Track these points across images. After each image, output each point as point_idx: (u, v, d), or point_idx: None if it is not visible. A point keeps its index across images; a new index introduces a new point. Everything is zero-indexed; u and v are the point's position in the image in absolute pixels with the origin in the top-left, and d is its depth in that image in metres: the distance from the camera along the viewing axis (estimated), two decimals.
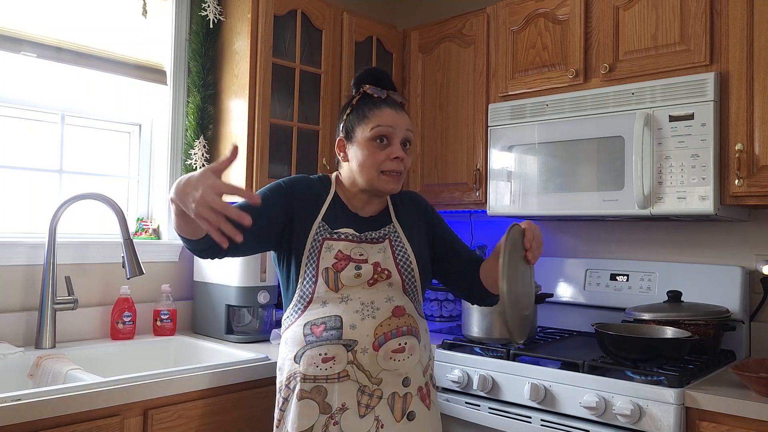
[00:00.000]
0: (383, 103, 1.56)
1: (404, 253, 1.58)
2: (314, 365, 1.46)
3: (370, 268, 1.51)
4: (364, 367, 1.46)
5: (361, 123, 1.55)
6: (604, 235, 2.53)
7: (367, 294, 1.50)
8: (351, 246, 1.53)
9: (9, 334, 1.98)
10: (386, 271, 1.53)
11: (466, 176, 2.56)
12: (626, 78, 2.11)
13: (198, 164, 2.37)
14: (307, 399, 1.45)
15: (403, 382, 1.50)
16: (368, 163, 1.53)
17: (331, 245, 1.52)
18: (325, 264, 1.50)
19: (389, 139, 1.54)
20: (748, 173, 1.87)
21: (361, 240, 1.55)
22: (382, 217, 1.63)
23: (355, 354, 1.45)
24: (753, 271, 2.16)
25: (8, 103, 2.12)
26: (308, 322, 1.49)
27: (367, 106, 1.56)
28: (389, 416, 1.47)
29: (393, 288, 1.53)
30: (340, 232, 1.54)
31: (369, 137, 1.53)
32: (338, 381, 1.45)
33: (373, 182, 1.54)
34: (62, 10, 2.19)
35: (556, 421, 1.83)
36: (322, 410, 1.44)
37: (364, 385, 1.45)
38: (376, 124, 1.53)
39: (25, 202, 2.17)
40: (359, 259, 1.51)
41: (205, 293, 2.37)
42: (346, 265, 1.50)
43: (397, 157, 1.53)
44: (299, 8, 2.42)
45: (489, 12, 2.52)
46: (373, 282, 1.51)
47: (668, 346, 1.80)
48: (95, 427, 1.52)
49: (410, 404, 1.50)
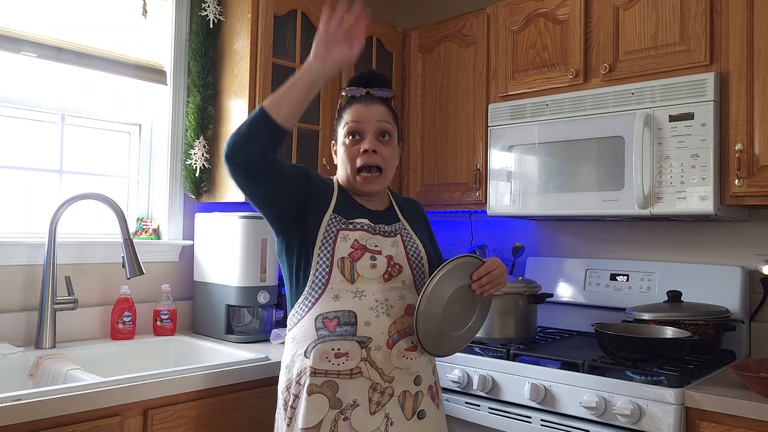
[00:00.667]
0: (356, 100, 1.60)
1: (416, 249, 1.59)
2: (326, 359, 1.45)
3: (384, 260, 1.52)
4: (377, 365, 1.46)
5: (338, 124, 1.62)
6: (604, 235, 2.53)
7: (381, 291, 1.50)
8: (366, 236, 1.53)
9: (9, 334, 1.98)
10: (398, 265, 1.54)
11: (466, 176, 2.56)
12: (626, 78, 2.11)
13: (198, 164, 2.37)
14: (317, 393, 1.44)
15: (415, 380, 1.52)
16: (343, 160, 1.58)
17: (346, 235, 1.51)
18: (341, 254, 1.49)
19: (361, 134, 1.56)
20: (748, 173, 1.87)
21: (375, 231, 1.56)
22: (390, 212, 1.65)
23: (369, 351, 1.46)
24: (753, 271, 2.16)
25: (8, 103, 2.12)
26: (320, 315, 1.48)
27: (344, 107, 1.61)
28: (399, 414, 1.48)
29: (405, 286, 1.54)
30: (356, 222, 1.54)
31: (343, 135, 1.58)
32: (350, 377, 1.45)
33: (351, 181, 1.58)
34: (62, 10, 2.19)
35: (556, 421, 1.83)
36: (332, 405, 1.44)
37: (376, 382, 1.46)
38: (345, 121, 1.58)
39: (25, 202, 2.17)
40: (374, 250, 1.52)
41: (205, 293, 2.37)
42: (362, 255, 1.50)
43: (365, 150, 1.54)
44: (299, 8, 2.42)
45: (489, 12, 2.52)
46: (388, 278, 1.52)
47: (668, 346, 1.80)
48: (95, 427, 1.52)
49: (421, 403, 1.52)
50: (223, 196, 2.38)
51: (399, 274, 1.53)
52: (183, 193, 2.46)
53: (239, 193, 2.30)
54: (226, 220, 2.30)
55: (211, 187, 2.43)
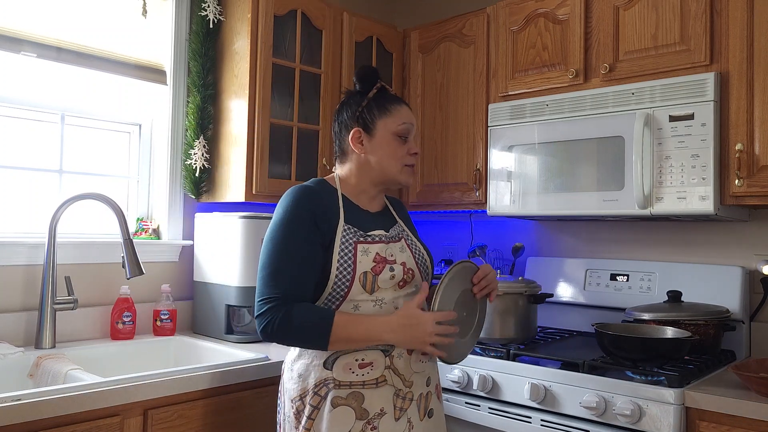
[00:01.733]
0: (395, 99, 1.59)
1: (420, 253, 1.61)
2: (349, 371, 1.45)
3: (400, 268, 1.52)
4: (399, 371, 1.48)
5: (382, 117, 1.56)
6: (604, 235, 2.53)
7: (398, 297, 1.52)
8: (385, 247, 1.53)
9: (9, 334, 1.98)
10: (411, 270, 1.55)
11: (466, 176, 2.56)
12: (626, 78, 2.11)
13: (198, 164, 2.37)
14: (343, 406, 1.44)
15: (427, 382, 1.54)
16: (395, 156, 1.57)
17: (367, 248, 1.50)
18: (363, 268, 1.47)
19: (408, 135, 1.59)
20: (748, 173, 1.87)
21: (389, 240, 1.56)
22: (387, 213, 1.66)
23: (392, 359, 1.47)
24: (753, 271, 2.16)
25: (8, 103, 2.12)
26: None
27: (388, 101, 1.57)
28: (416, 416, 1.50)
29: (418, 290, 1.55)
30: (374, 234, 1.53)
31: (394, 132, 1.56)
32: (376, 386, 1.45)
33: (395, 175, 1.58)
34: (62, 10, 2.19)
35: (556, 421, 1.83)
36: (358, 416, 1.44)
37: (399, 388, 1.48)
38: (401, 120, 1.57)
39: (25, 202, 2.17)
40: (392, 260, 1.52)
41: (205, 293, 2.37)
42: (383, 267, 1.50)
43: (415, 153, 1.59)
44: (299, 8, 2.42)
45: (489, 12, 2.52)
46: (403, 284, 1.53)
47: (668, 346, 1.80)
48: (95, 427, 1.52)
49: (430, 402, 1.55)
50: (223, 196, 2.37)
51: (412, 280, 1.55)
52: (183, 193, 2.46)
53: (239, 193, 2.30)
54: (226, 220, 2.30)
55: (211, 187, 2.43)
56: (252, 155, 2.29)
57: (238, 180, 2.30)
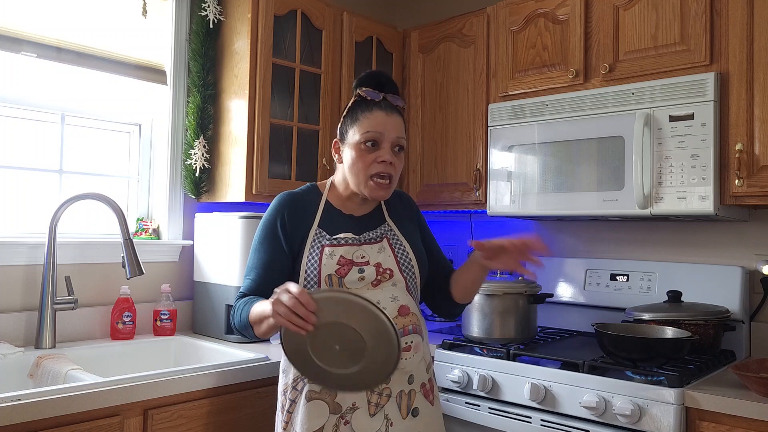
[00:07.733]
0: (375, 106, 1.55)
1: (404, 252, 1.58)
2: None
3: (372, 269, 1.52)
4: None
5: (353, 125, 1.55)
6: (604, 235, 2.53)
7: (372, 294, 1.49)
8: (352, 250, 1.53)
9: (9, 334, 1.98)
10: (388, 270, 1.54)
11: (466, 176, 2.56)
12: (626, 78, 2.11)
13: (198, 164, 2.37)
14: (316, 399, 1.46)
15: (408, 379, 1.52)
16: (357, 166, 1.54)
17: (332, 251, 1.51)
18: (328, 270, 1.50)
19: (379, 143, 1.53)
20: (748, 173, 1.87)
21: (361, 242, 1.55)
22: (376, 215, 1.64)
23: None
24: (753, 271, 2.16)
25: (8, 103, 2.12)
26: None
27: (360, 109, 1.56)
28: (397, 413, 1.49)
29: (397, 287, 1.54)
30: (340, 237, 1.54)
31: (359, 140, 1.53)
32: None
33: (360, 187, 1.55)
34: (62, 10, 2.19)
35: (556, 421, 1.83)
36: (332, 410, 1.45)
37: None
38: (366, 128, 1.53)
39: (25, 202, 2.17)
40: (361, 262, 1.52)
41: (205, 293, 2.37)
42: (349, 269, 1.50)
43: (384, 161, 1.52)
44: (299, 8, 2.42)
45: (489, 12, 2.52)
46: (377, 283, 1.52)
47: (668, 346, 1.80)
48: (95, 427, 1.52)
49: (414, 401, 1.52)
50: (223, 196, 2.38)
51: (390, 279, 1.54)
52: (183, 193, 2.46)
53: (239, 193, 2.30)
54: (225, 220, 2.30)
55: (210, 187, 2.43)
56: (252, 155, 2.29)
57: (238, 180, 2.30)
